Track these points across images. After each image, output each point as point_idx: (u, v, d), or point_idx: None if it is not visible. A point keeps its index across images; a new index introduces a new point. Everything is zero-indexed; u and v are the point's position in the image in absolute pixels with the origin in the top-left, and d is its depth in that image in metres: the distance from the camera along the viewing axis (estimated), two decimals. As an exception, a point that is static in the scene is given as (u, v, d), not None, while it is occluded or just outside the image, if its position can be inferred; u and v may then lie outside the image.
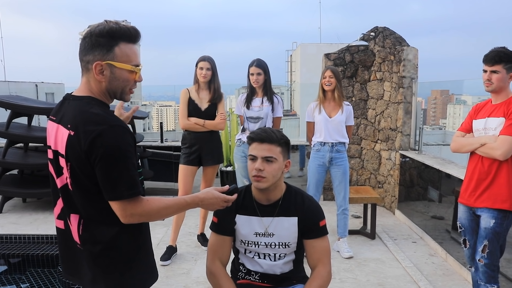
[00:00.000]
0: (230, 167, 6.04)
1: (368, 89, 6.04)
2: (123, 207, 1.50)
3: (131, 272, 1.62)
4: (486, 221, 2.67)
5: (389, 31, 5.79)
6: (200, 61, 3.97)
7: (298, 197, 2.13)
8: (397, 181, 5.47)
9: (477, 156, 2.73)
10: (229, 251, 2.17)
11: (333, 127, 4.11)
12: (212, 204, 1.77)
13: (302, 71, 23.95)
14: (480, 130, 2.76)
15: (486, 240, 2.66)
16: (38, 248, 3.69)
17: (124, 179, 1.49)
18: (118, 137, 1.49)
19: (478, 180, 2.72)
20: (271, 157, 2.01)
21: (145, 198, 1.55)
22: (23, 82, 16.40)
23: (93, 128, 1.46)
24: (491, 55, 2.63)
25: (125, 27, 1.55)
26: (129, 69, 1.56)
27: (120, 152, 1.48)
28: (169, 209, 1.62)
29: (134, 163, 1.53)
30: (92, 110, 1.51)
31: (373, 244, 4.55)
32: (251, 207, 2.11)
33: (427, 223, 4.67)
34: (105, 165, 1.47)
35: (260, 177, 2.00)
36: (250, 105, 4.07)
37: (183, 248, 4.35)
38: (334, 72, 4.10)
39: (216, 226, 2.15)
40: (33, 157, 5.83)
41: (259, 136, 2.04)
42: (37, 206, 5.94)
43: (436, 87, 12.12)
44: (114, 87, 1.57)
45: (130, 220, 1.53)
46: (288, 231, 2.08)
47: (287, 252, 2.12)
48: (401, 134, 5.39)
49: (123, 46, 1.54)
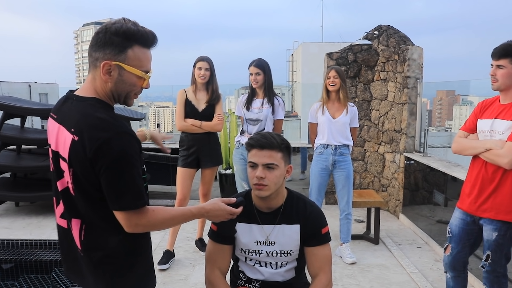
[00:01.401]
0: (229, 170, 6.04)
1: (371, 89, 6.05)
2: (128, 218, 1.50)
3: (131, 277, 1.63)
4: (488, 233, 2.60)
5: (393, 29, 5.80)
6: (198, 61, 3.98)
7: (300, 203, 2.11)
8: (401, 185, 5.47)
9: (481, 160, 2.61)
10: (229, 260, 2.16)
11: (336, 128, 4.10)
12: (217, 216, 1.78)
13: (304, 71, 23.97)
14: (485, 132, 2.62)
15: (489, 251, 2.61)
16: (32, 253, 3.68)
17: (130, 190, 1.47)
18: (125, 145, 1.46)
19: (481, 187, 2.61)
20: (272, 164, 1.97)
21: (151, 208, 1.55)
22: (16, 83, 16.43)
23: (99, 135, 1.43)
24: (497, 49, 2.50)
25: (143, 30, 1.53)
26: (138, 74, 1.54)
27: (127, 161, 1.46)
28: (174, 219, 1.63)
29: (140, 172, 1.52)
30: (97, 114, 1.48)
31: (376, 249, 4.55)
32: (252, 215, 2.09)
33: (433, 227, 4.67)
34: (111, 174, 1.45)
35: (262, 185, 1.97)
36: (250, 107, 4.08)
37: (181, 253, 4.36)
38: (338, 72, 4.10)
39: (215, 234, 2.13)
40: (26, 160, 5.83)
41: (258, 142, 1.99)
42: (30, 210, 5.94)
43: (442, 87, 12.15)
44: (120, 89, 1.55)
45: (134, 230, 1.53)
46: (290, 239, 2.07)
47: (289, 260, 2.11)
48: (406, 136, 5.40)
49: (137, 50, 1.51)
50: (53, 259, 3.43)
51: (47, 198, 5.75)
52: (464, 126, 2.79)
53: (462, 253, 2.80)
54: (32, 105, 6.34)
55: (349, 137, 4.17)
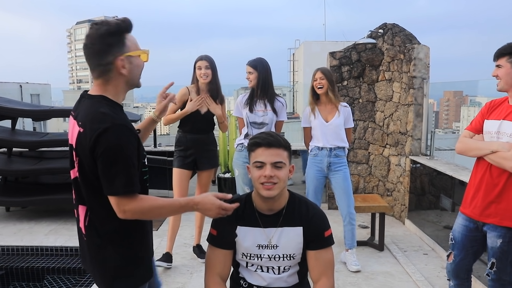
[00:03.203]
0: (228, 174, 6.04)
1: (376, 90, 6.06)
2: (118, 203, 1.68)
3: (128, 266, 1.80)
4: (492, 240, 2.59)
5: (399, 28, 5.81)
6: (198, 60, 3.96)
7: (303, 206, 2.12)
8: (407, 189, 5.47)
9: (486, 163, 2.60)
10: (229, 265, 2.16)
11: (330, 132, 4.10)
12: (208, 210, 1.84)
13: (306, 71, 24.01)
14: (492, 134, 2.61)
15: (494, 259, 2.61)
16: (23, 260, 3.68)
17: (121, 176, 1.66)
18: (121, 135, 1.67)
19: (485, 191, 2.60)
20: (281, 162, 2.00)
21: (140, 196, 1.72)
22: (6, 83, 16.46)
23: (98, 126, 1.65)
24: (497, 50, 2.59)
25: (121, 20, 1.76)
26: (141, 53, 1.81)
27: (121, 150, 1.66)
28: (162, 209, 1.78)
29: (134, 162, 1.70)
30: (101, 109, 1.71)
31: (381, 256, 4.55)
32: (253, 218, 2.09)
33: (439, 233, 4.67)
34: (106, 160, 1.65)
35: (272, 184, 1.98)
36: (254, 109, 4.01)
37: (178, 260, 4.35)
38: (324, 72, 4.08)
39: (214, 239, 2.13)
40: (18, 163, 5.84)
41: (266, 140, 2.01)
42: (21, 215, 5.94)
43: (449, 88, 12.16)
44: (134, 75, 1.81)
45: (125, 216, 1.70)
46: (293, 242, 2.08)
47: (291, 264, 2.12)
48: (412, 138, 5.40)
49: (128, 37, 1.77)
50: (45, 266, 3.43)
51: (39, 203, 5.76)
52: (470, 126, 2.78)
53: (465, 260, 2.80)
54: (23, 106, 6.34)
55: (344, 139, 4.17)
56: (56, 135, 6.41)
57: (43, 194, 5.68)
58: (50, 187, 5.88)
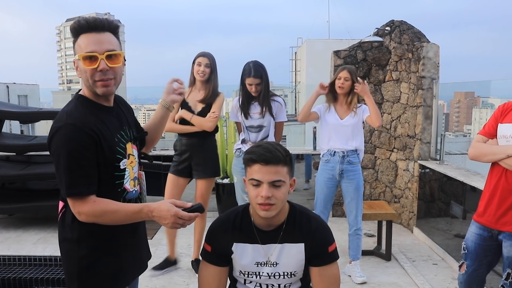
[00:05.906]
0: (226, 179, 6.03)
1: (383, 90, 6.07)
2: (72, 204, 1.74)
3: (89, 270, 1.84)
4: (508, 249, 2.59)
5: (407, 25, 5.82)
6: (198, 56, 3.93)
7: (304, 219, 2.05)
8: (415, 195, 5.48)
9: (501, 168, 2.61)
10: (225, 283, 2.11)
11: (344, 131, 4.06)
12: (163, 218, 1.73)
13: (308, 70, 24.06)
14: (507, 137, 2.60)
15: (510, 269, 2.60)
16: (10, 271, 3.67)
17: (66, 178, 1.70)
18: (67, 136, 1.70)
19: (500, 197, 2.60)
20: (279, 180, 1.90)
21: (94, 198, 1.74)
22: (-8, 83, 16.46)
23: (54, 126, 1.74)
24: None
25: (84, 19, 1.76)
26: (81, 57, 1.73)
27: (65, 151, 1.69)
28: (116, 213, 1.76)
29: (83, 164, 1.71)
30: (66, 107, 1.79)
31: (388, 266, 4.55)
32: (251, 234, 2.03)
33: (450, 242, 4.68)
34: (54, 162, 1.74)
35: (269, 205, 1.90)
36: (249, 113, 3.96)
37: (173, 271, 4.34)
38: (351, 73, 4.05)
39: (209, 255, 2.07)
40: (4, 168, 5.83)
41: (262, 157, 1.89)
42: (8, 223, 5.94)
43: (460, 88, 12.15)
44: (84, 80, 1.78)
45: (81, 218, 1.75)
46: (294, 259, 2.03)
47: (292, 281, 2.09)
48: (420, 141, 5.41)
49: (82, 38, 1.74)
50: (33, 277, 3.42)
51: (27, 210, 5.76)
52: (483, 130, 2.77)
53: (479, 271, 2.79)
54: (10, 108, 6.34)
55: (359, 140, 4.10)
56: (44, 138, 6.38)
57: (31, 200, 5.68)
58: (38, 193, 5.88)
